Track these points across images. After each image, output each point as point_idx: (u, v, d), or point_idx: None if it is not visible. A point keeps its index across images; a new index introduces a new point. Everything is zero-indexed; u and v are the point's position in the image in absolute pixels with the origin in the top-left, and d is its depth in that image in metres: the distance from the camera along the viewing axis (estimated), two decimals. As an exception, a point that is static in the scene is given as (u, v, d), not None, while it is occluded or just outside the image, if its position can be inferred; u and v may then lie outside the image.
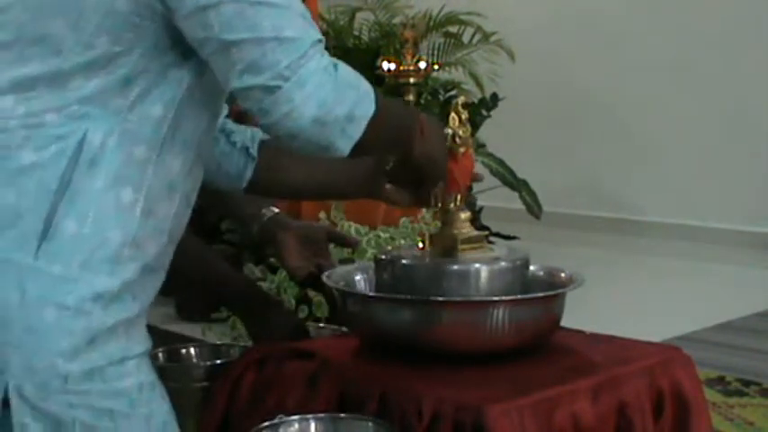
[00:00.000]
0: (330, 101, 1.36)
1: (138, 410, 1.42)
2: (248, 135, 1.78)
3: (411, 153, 1.55)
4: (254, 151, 1.77)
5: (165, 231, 1.44)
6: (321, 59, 1.37)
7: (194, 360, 1.91)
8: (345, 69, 1.41)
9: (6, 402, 1.37)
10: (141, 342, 1.45)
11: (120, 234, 1.37)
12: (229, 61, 1.35)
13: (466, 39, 5.70)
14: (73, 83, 1.36)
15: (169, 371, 1.74)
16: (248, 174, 1.77)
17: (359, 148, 1.43)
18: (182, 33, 1.38)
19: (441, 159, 1.59)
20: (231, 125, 1.78)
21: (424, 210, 3.57)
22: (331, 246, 2.05)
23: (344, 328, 1.87)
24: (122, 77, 1.37)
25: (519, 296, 1.65)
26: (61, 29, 1.36)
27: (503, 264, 1.67)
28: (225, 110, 1.75)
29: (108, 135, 1.37)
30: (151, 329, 1.51)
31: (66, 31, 1.36)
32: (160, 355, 1.85)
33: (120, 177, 1.37)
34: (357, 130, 1.40)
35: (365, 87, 1.43)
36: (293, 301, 3.41)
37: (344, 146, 1.41)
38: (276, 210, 2.01)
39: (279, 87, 1.34)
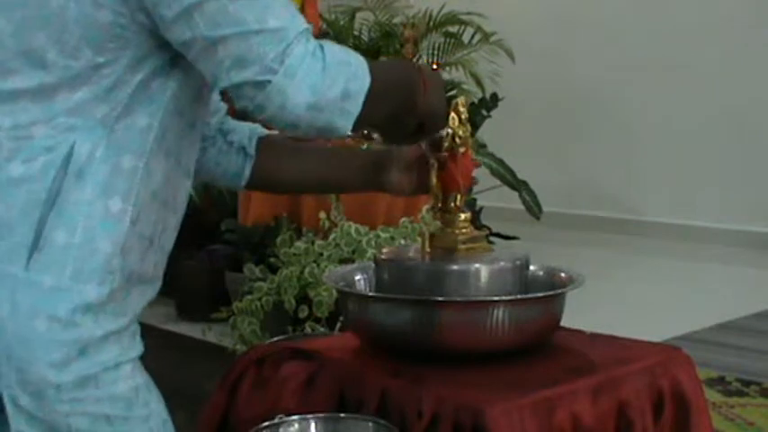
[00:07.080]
0: (322, 85, 1.35)
1: (136, 412, 1.41)
2: (246, 133, 1.77)
3: (415, 108, 1.52)
4: (251, 150, 1.76)
5: (146, 237, 1.43)
6: (307, 45, 1.35)
7: None
8: (333, 48, 1.39)
9: (2, 409, 1.38)
10: (135, 347, 1.44)
11: (110, 244, 1.37)
12: (216, 59, 1.33)
13: (466, 39, 5.70)
14: (58, 95, 1.36)
15: None
16: (247, 172, 1.76)
17: (363, 121, 1.42)
18: (165, 43, 1.37)
19: (443, 111, 1.58)
20: (230, 123, 1.77)
21: (423, 209, 3.57)
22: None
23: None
24: (107, 88, 1.37)
25: (519, 296, 1.65)
26: (44, 42, 1.35)
27: (503, 264, 1.67)
28: (223, 109, 1.74)
29: (95, 146, 1.36)
30: (151, 329, 1.51)
31: (50, 45, 1.35)
32: None
33: (108, 187, 1.37)
34: (355, 106, 1.39)
35: (356, 61, 1.41)
36: (293, 301, 3.41)
37: (345, 124, 1.39)
38: None
39: (269, 81, 1.32)
